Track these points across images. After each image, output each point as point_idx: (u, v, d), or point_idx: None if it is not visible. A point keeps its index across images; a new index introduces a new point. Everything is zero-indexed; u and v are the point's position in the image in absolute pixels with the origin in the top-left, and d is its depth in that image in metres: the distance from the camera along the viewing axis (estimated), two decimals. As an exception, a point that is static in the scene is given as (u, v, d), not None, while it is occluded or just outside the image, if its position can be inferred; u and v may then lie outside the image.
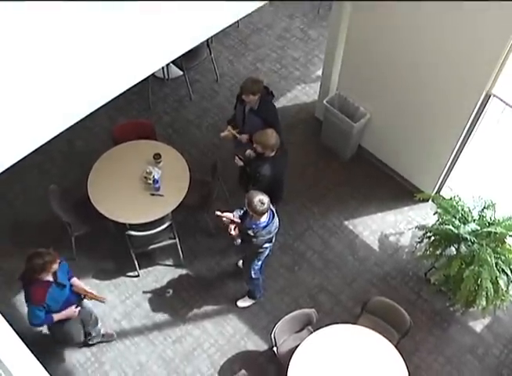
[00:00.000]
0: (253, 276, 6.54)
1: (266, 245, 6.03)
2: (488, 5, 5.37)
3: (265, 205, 5.54)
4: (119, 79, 3.19)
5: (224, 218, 5.93)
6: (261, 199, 5.51)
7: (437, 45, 6.15)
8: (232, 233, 5.88)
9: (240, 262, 7.23)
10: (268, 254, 6.33)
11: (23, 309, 6.90)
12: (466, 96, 6.31)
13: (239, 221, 5.98)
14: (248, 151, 6.52)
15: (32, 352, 4.29)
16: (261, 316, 6.96)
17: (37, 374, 4.40)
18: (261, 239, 5.79)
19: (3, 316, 4.14)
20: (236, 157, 6.57)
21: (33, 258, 5.43)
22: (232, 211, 6.06)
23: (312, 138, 8.44)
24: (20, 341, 4.16)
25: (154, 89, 8.83)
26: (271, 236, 5.90)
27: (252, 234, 5.73)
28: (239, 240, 5.94)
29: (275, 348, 6.11)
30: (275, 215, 5.86)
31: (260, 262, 6.39)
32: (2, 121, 2.81)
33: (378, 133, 7.71)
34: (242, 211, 6.06)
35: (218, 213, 5.93)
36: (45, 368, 4.61)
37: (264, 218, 5.72)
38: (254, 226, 5.72)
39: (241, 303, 7.06)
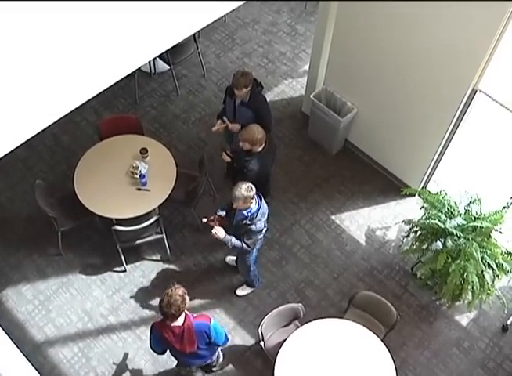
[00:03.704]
0: (249, 265, 6.58)
1: (264, 230, 6.01)
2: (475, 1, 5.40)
3: (253, 188, 5.58)
4: (105, 73, 3.17)
5: (211, 223, 5.91)
6: (246, 187, 5.53)
7: (423, 41, 6.16)
8: (219, 235, 5.84)
9: (228, 258, 7.24)
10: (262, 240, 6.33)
11: (9, 304, 6.91)
12: (452, 92, 6.33)
13: (223, 215, 6.00)
14: (241, 142, 6.49)
15: (18, 348, 4.28)
16: (248, 310, 6.97)
17: (23, 369, 4.39)
18: (259, 223, 5.77)
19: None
20: (224, 153, 6.56)
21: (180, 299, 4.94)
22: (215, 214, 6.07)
23: (299, 132, 8.44)
24: (7, 337, 4.15)
25: (141, 84, 8.80)
26: (266, 217, 5.90)
27: (249, 222, 5.73)
28: (232, 238, 5.90)
29: (262, 343, 6.12)
30: (262, 197, 5.86)
31: (254, 254, 6.40)
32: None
33: (365, 128, 7.72)
34: (224, 211, 6.08)
35: (205, 219, 5.95)
36: (32, 364, 4.60)
37: (253, 204, 5.72)
38: (247, 215, 5.72)
39: (240, 292, 7.07)
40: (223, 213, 6.09)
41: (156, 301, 6.99)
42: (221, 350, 6.40)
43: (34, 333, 6.78)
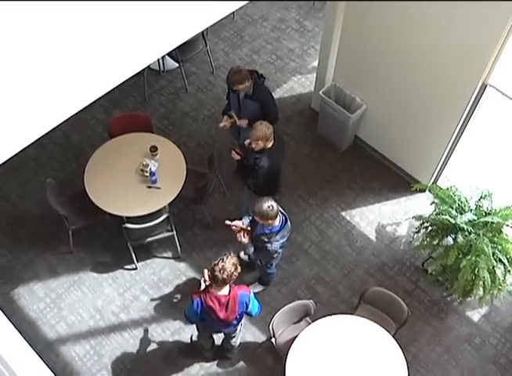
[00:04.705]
0: (269, 272, 6.64)
1: (280, 250, 6.01)
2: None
3: (275, 208, 5.51)
4: (114, 72, 3.18)
5: (234, 227, 5.91)
6: (268, 205, 5.47)
7: (433, 36, 6.14)
8: (244, 240, 5.87)
9: (242, 254, 7.22)
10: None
11: (21, 302, 6.94)
12: (462, 86, 6.30)
13: (249, 228, 5.97)
14: (247, 140, 6.49)
15: (31, 346, 4.30)
16: (259, 307, 6.98)
17: (36, 367, 4.41)
18: (275, 244, 5.76)
19: (1, 310, 4.15)
20: (233, 152, 6.55)
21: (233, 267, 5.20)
22: (240, 219, 6.05)
23: (309, 129, 8.43)
24: (19, 335, 4.16)
25: (150, 82, 8.81)
26: (285, 239, 5.87)
27: (266, 240, 5.72)
28: (251, 249, 5.92)
29: (273, 340, 6.13)
30: (288, 218, 5.84)
31: (274, 264, 6.42)
32: (-2, 115, 2.81)
33: (374, 124, 7.70)
34: (250, 218, 6.03)
35: (228, 222, 5.90)
36: (44, 362, 4.62)
37: (277, 222, 5.69)
38: (267, 232, 5.70)
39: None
40: (247, 222, 6.06)
41: (167, 299, 7.02)
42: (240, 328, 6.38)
43: (46, 331, 6.81)
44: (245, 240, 5.87)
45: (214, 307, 5.30)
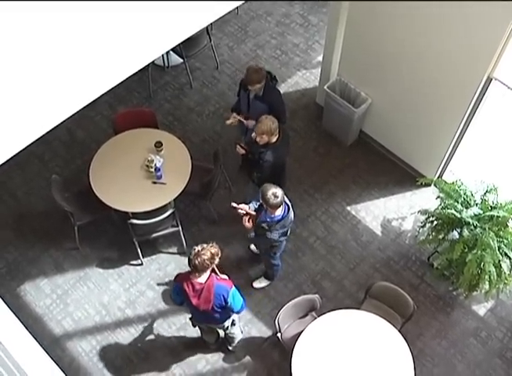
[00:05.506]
0: (273, 263, 6.63)
1: (281, 239, 6.02)
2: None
3: (279, 198, 5.52)
4: (119, 67, 3.18)
5: (239, 210, 5.93)
6: (274, 192, 5.49)
7: (438, 30, 6.11)
8: (247, 224, 5.89)
9: (252, 246, 7.23)
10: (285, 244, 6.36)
11: (27, 299, 6.96)
12: (467, 80, 6.28)
13: (254, 213, 5.98)
14: (253, 134, 6.47)
15: (37, 341, 4.31)
16: (264, 302, 6.98)
17: (43, 363, 4.43)
18: (275, 233, 5.79)
19: (8, 306, 4.16)
20: (238, 146, 6.56)
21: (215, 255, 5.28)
22: (247, 203, 6.08)
23: (314, 124, 8.42)
24: (26, 330, 4.18)
25: (154, 77, 8.81)
26: (285, 229, 5.89)
27: (266, 227, 5.74)
28: (252, 234, 5.94)
29: (279, 334, 6.13)
30: (291, 208, 5.86)
31: (278, 254, 6.43)
32: (1, 111, 2.81)
33: (379, 118, 7.69)
34: (258, 204, 6.04)
35: (234, 205, 5.94)
36: (51, 357, 4.63)
37: (279, 212, 5.71)
38: (268, 219, 5.72)
39: (257, 284, 7.07)
40: (254, 207, 6.08)
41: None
42: (238, 323, 6.36)
43: (53, 326, 6.84)
44: (249, 224, 5.89)
45: (188, 292, 5.35)
